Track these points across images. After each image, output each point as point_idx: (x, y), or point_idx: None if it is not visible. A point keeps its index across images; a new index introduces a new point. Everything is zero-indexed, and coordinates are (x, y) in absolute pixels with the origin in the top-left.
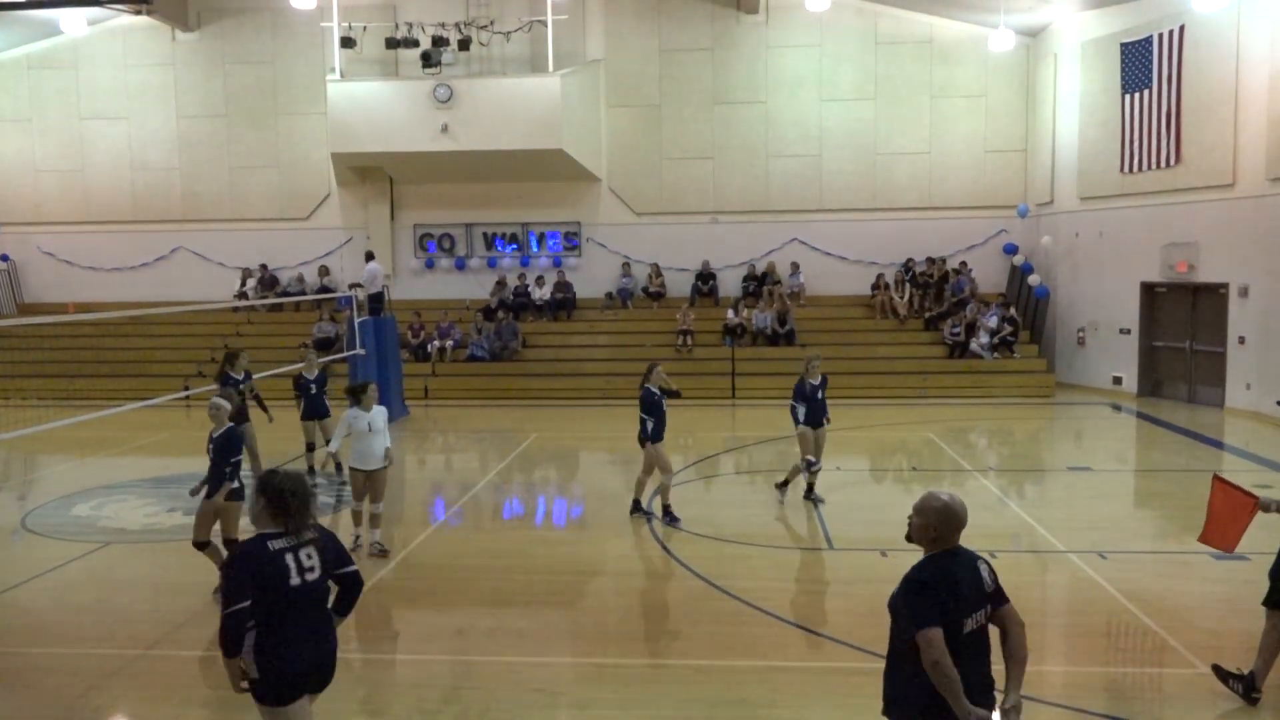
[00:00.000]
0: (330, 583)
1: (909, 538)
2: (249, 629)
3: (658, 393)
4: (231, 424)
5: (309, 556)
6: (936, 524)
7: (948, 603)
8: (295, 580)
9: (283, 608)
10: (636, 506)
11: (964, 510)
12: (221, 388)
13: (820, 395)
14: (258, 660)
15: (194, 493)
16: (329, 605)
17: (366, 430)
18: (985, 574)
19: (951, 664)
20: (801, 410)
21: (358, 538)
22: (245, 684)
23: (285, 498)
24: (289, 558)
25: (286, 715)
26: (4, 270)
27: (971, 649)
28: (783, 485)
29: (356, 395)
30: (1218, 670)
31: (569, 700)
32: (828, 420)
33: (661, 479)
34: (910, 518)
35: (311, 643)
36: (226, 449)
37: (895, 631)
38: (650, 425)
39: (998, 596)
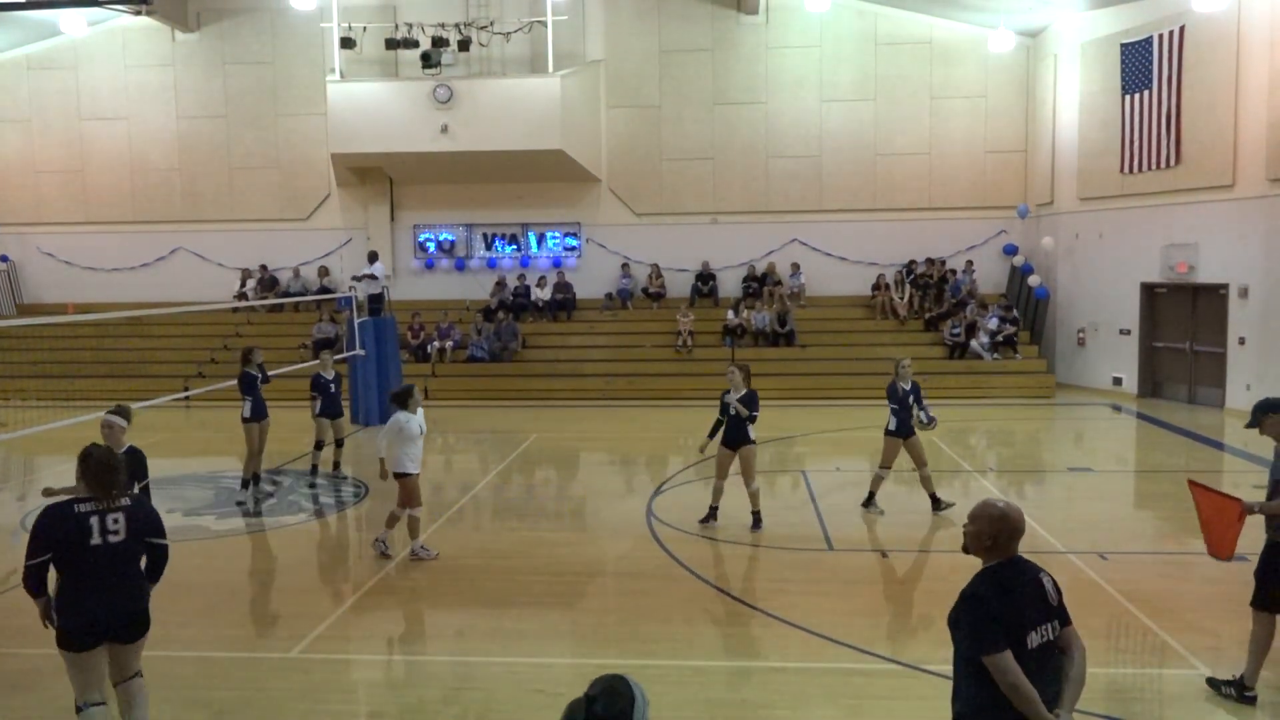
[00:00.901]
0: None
1: (965, 549)
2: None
3: (727, 397)
4: (131, 444)
5: (115, 521)
6: (992, 532)
7: (1008, 618)
8: (96, 540)
9: (82, 563)
10: (756, 519)
11: (1021, 518)
12: (243, 386)
13: (912, 401)
14: (56, 608)
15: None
16: (140, 567)
17: (418, 434)
18: (1049, 586)
19: (1029, 683)
20: (894, 419)
21: (422, 547)
22: (49, 625)
23: (88, 468)
24: (94, 520)
25: (80, 661)
26: (4, 271)
27: (1039, 664)
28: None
29: (403, 400)
30: (1211, 683)
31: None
32: (924, 422)
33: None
34: (965, 526)
35: (109, 596)
36: (133, 473)
37: (957, 648)
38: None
39: (1062, 614)
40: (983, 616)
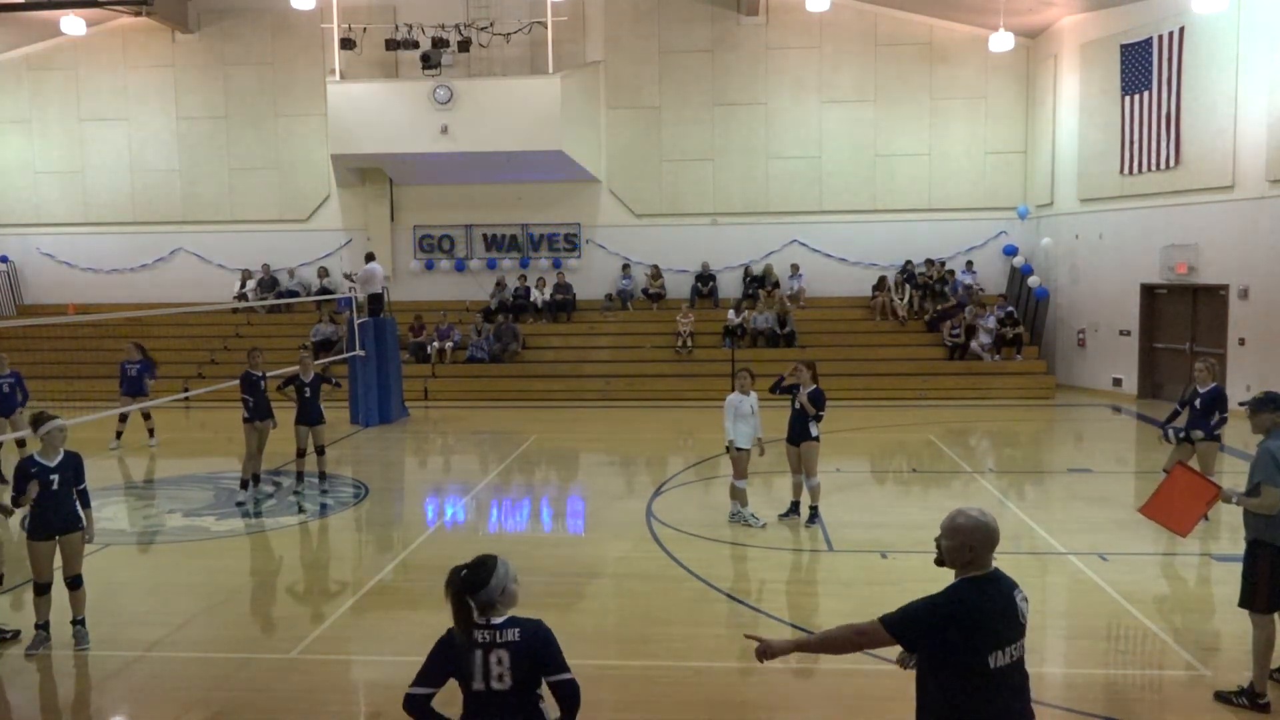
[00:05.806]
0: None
1: (939, 562)
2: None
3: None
4: (69, 450)
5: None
6: (971, 543)
7: (983, 631)
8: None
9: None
10: (794, 510)
11: (996, 524)
12: (244, 386)
13: (1200, 405)
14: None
15: (13, 508)
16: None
17: (750, 414)
18: (1021, 604)
19: (841, 632)
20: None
21: (742, 513)
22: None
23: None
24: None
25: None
26: (4, 271)
27: (1002, 686)
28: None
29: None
30: (1220, 697)
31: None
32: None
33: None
34: (938, 540)
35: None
36: (75, 477)
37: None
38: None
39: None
40: (925, 615)
